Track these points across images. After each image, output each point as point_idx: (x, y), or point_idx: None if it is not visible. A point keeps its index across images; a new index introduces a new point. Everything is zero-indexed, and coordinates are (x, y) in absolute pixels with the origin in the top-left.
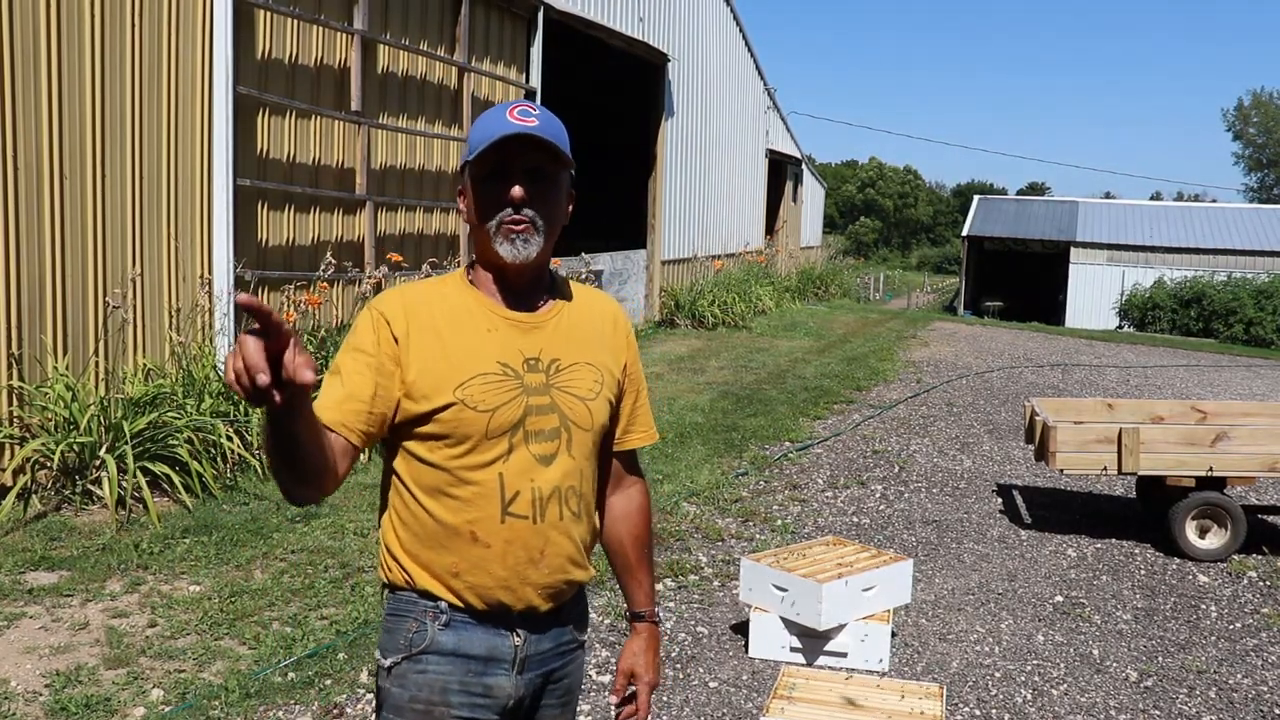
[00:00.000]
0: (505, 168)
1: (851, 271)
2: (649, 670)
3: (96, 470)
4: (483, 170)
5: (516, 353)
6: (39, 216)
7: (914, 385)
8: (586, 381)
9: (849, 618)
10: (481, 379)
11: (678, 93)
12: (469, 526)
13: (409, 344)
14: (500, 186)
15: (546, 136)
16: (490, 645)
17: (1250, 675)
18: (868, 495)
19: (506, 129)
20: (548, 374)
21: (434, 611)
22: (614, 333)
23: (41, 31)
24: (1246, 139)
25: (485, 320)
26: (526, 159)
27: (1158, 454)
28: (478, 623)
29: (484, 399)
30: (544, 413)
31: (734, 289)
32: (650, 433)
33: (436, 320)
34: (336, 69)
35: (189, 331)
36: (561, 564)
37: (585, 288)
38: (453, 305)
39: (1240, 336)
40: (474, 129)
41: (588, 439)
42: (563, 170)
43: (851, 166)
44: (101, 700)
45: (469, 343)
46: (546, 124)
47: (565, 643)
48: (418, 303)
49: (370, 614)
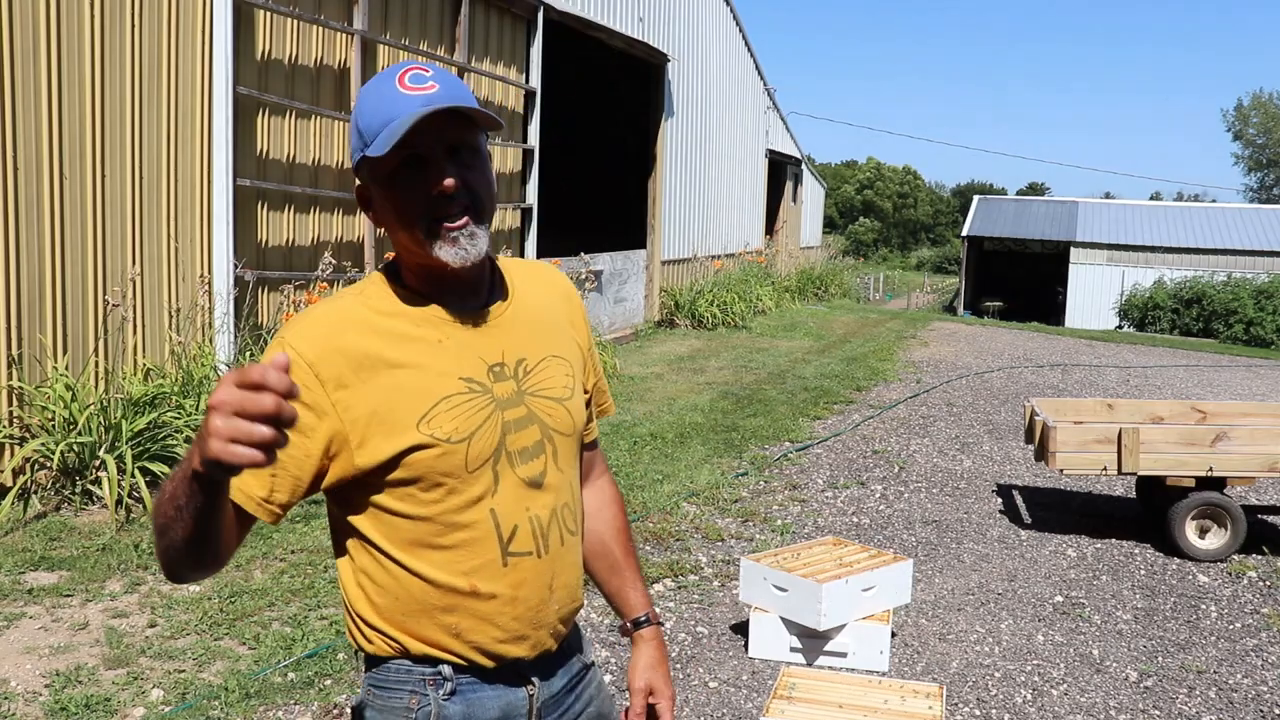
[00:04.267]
0: (422, 154)
1: (851, 272)
2: (667, 682)
3: (96, 470)
4: (393, 162)
5: (477, 361)
6: (39, 216)
7: (914, 385)
8: (558, 378)
9: (849, 618)
10: (447, 404)
11: (678, 93)
12: (468, 581)
13: (345, 386)
14: (423, 179)
15: (459, 103)
16: (504, 705)
17: (1250, 675)
18: (868, 495)
19: (411, 107)
20: (517, 379)
21: (434, 679)
22: (570, 310)
23: (41, 31)
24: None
25: (432, 330)
26: (446, 135)
27: (1158, 454)
28: (486, 682)
29: (456, 428)
30: (522, 426)
31: (734, 289)
32: (608, 405)
33: (373, 343)
34: (336, 69)
35: (189, 331)
36: (570, 592)
37: (522, 263)
38: (388, 321)
39: (1240, 336)
40: (360, 112)
41: (571, 444)
42: (481, 135)
43: (851, 167)
44: (101, 700)
45: (421, 363)
46: (449, 86)
47: (575, 674)
48: (343, 329)
49: None
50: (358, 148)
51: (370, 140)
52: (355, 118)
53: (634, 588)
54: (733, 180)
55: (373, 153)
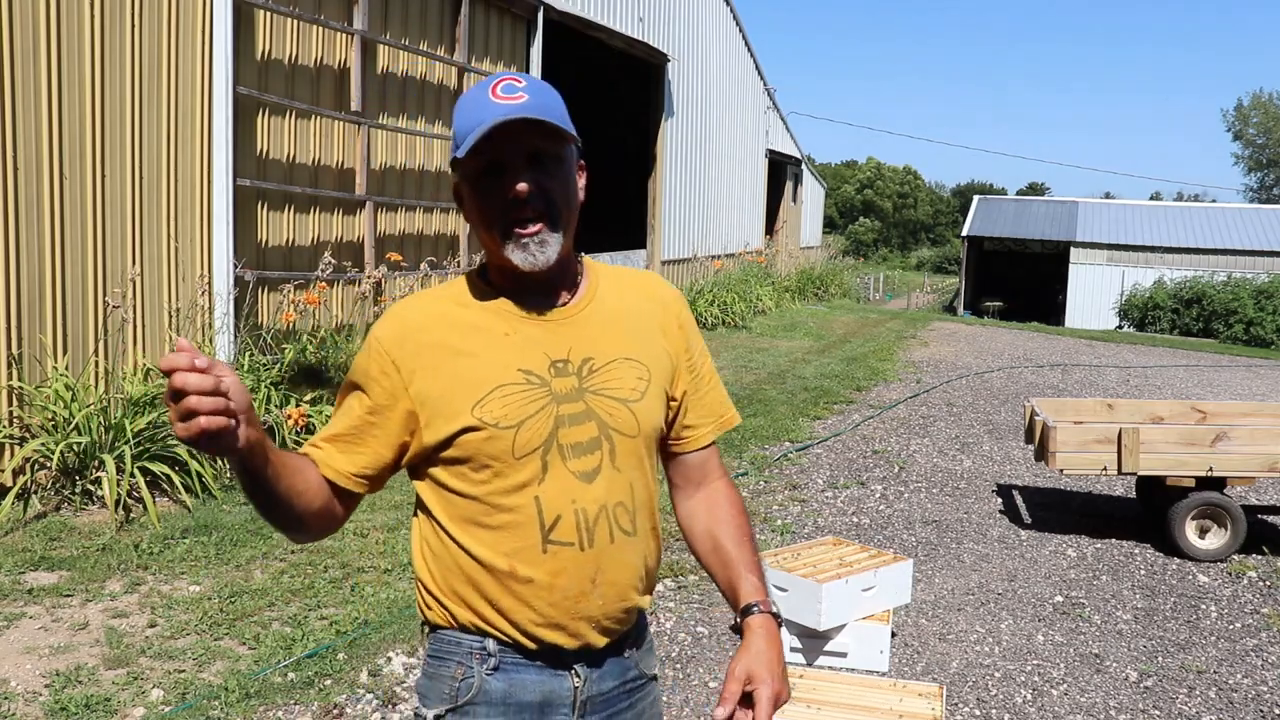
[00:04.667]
0: (502, 160)
1: (851, 272)
2: (773, 676)
3: (96, 470)
4: (476, 166)
5: (541, 356)
6: (39, 216)
7: (914, 385)
8: (628, 380)
9: (849, 618)
10: (501, 392)
11: (678, 93)
12: (507, 560)
13: (415, 370)
14: (499, 182)
15: (541, 116)
16: (546, 689)
17: (1250, 675)
18: (868, 495)
19: (494, 114)
20: (579, 376)
21: (480, 652)
22: (663, 316)
23: (41, 31)
24: (1246, 140)
25: (502, 324)
26: (525, 144)
27: (1158, 454)
28: (530, 663)
29: (506, 414)
30: (578, 422)
31: (734, 289)
32: (724, 419)
33: (446, 334)
34: (336, 69)
35: (189, 331)
36: (619, 591)
37: (627, 270)
38: (464, 313)
39: (1240, 336)
40: (456, 118)
41: (635, 446)
42: (567, 146)
43: (851, 167)
44: (101, 700)
45: (485, 353)
46: (538, 97)
47: (632, 679)
48: (422, 319)
49: (370, 614)
50: (453, 149)
51: (459, 143)
52: (453, 122)
53: (744, 579)
54: (733, 180)
55: (460, 154)
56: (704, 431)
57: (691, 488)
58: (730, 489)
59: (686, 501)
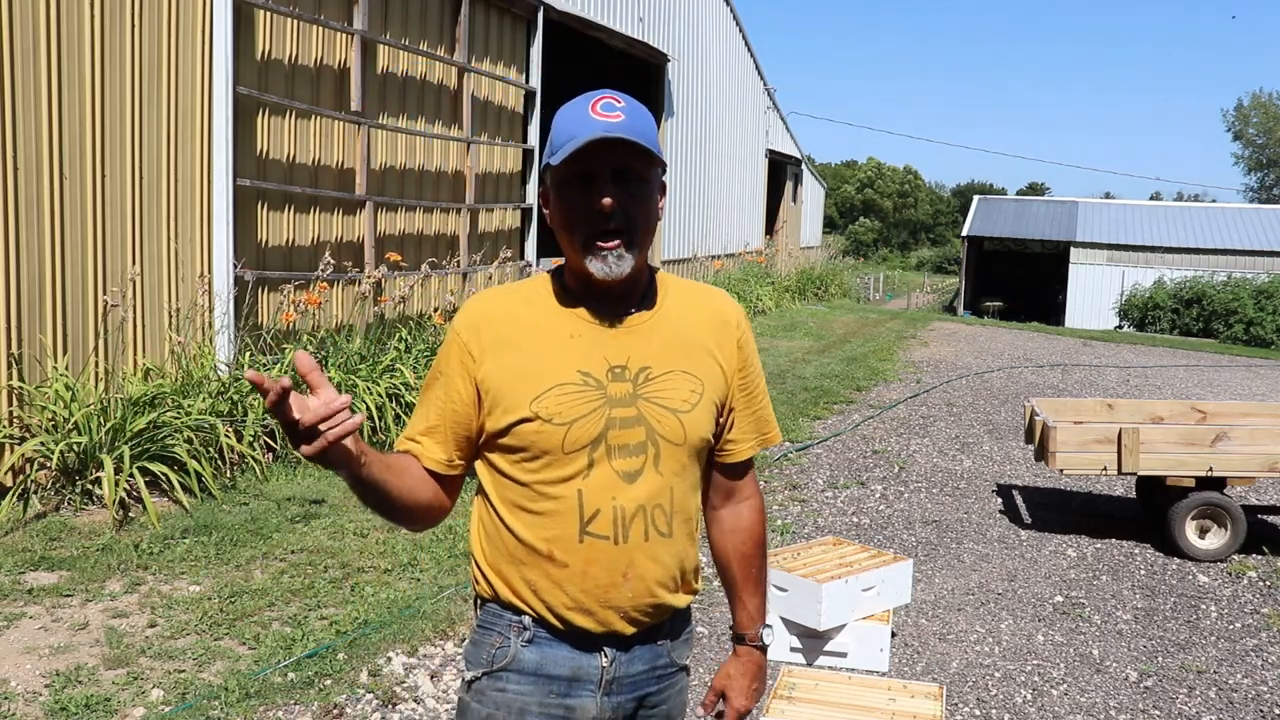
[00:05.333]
0: (592, 171)
1: (851, 271)
2: (742, 695)
3: (96, 470)
4: (567, 174)
5: (601, 360)
6: (39, 216)
7: (914, 385)
8: (681, 391)
9: (849, 618)
10: (559, 390)
11: (678, 93)
12: (546, 545)
13: (485, 359)
14: (587, 193)
15: (635, 137)
16: (575, 665)
17: (1250, 675)
18: (868, 495)
19: (593, 130)
20: (635, 383)
21: (518, 626)
22: (723, 334)
23: (41, 31)
24: (1246, 140)
25: (569, 325)
26: (614, 160)
27: (1158, 454)
28: (562, 640)
29: (560, 411)
30: (628, 426)
31: (734, 289)
32: (766, 436)
33: (517, 329)
34: (336, 69)
35: (188, 331)
36: (648, 588)
37: (697, 285)
38: (536, 311)
39: (1240, 337)
40: (555, 127)
41: (680, 454)
42: (653, 169)
43: (851, 166)
44: (101, 700)
45: (549, 351)
46: (634, 119)
47: (662, 666)
48: (498, 312)
49: (370, 614)
50: (546, 156)
51: (554, 151)
52: (551, 129)
53: (744, 610)
54: (733, 180)
55: (553, 161)
56: (745, 447)
57: (721, 497)
58: (756, 510)
59: (715, 511)
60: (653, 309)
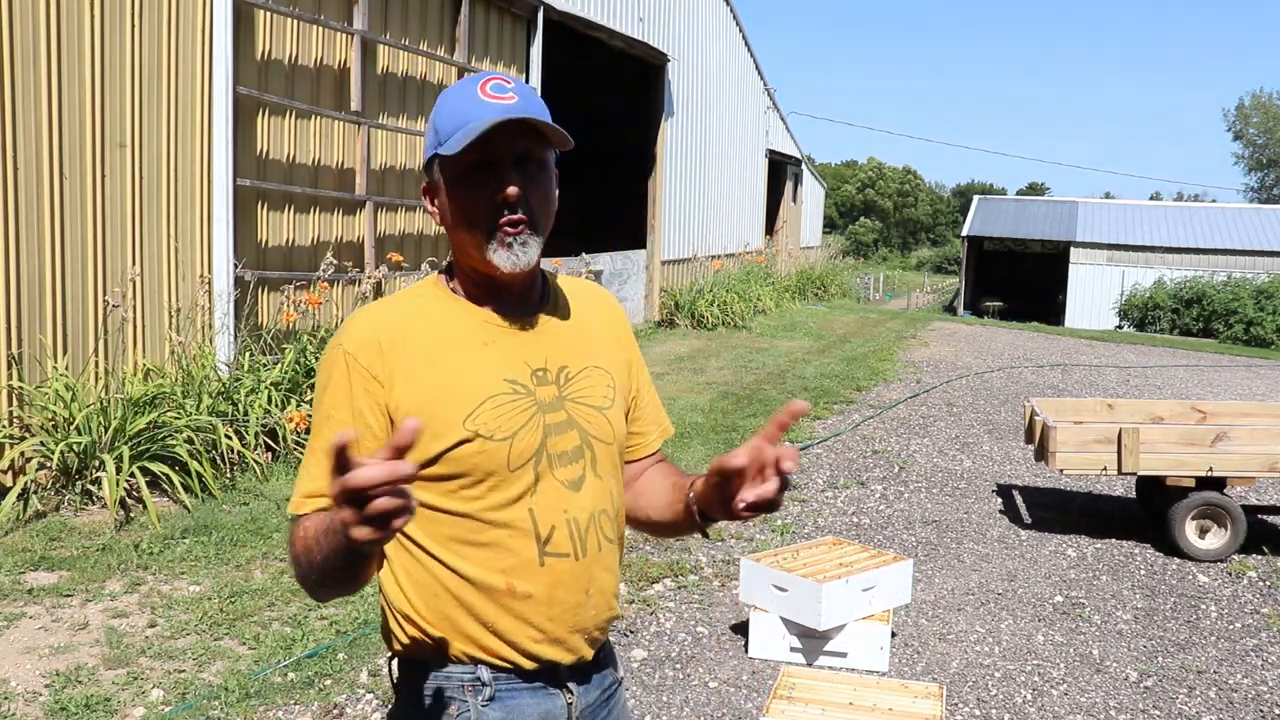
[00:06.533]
0: (491, 159)
1: (851, 271)
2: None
3: (96, 470)
4: (463, 166)
5: (522, 365)
6: (39, 216)
7: (914, 385)
8: (599, 388)
9: (849, 618)
10: (492, 402)
11: (678, 93)
12: (504, 578)
13: (395, 383)
14: (488, 184)
15: (535, 116)
16: (543, 711)
17: (1250, 675)
18: (868, 495)
19: (489, 113)
20: (559, 385)
21: (473, 685)
22: (612, 327)
23: (41, 31)
24: (1246, 139)
25: (480, 333)
26: (514, 146)
27: (1158, 454)
28: (526, 685)
29: (500, 425)
30: (562, 430)
31: (734, 289)
32: (664, 427)
33: (423, 343)
34: (336, 69)
35: (188, 331)
36: (607, 600)
37: (572, 280)
38: (436, 322)
39: (1240, 337)
40: (439, 113)
41: (611, 453)
42: (549, 152)
43: (851, 166)
44: (101, 700)
45: (468, 364)
46: (527, 99)
47: (608, 686)
48: (393, 328)
49: (370, 614)
50: (431, 145)
51: (445, 139)
52: (433, 117)
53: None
54: (733, 180)
55: (445, 151)
56: (651, 439)
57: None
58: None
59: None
60: (554, 308)
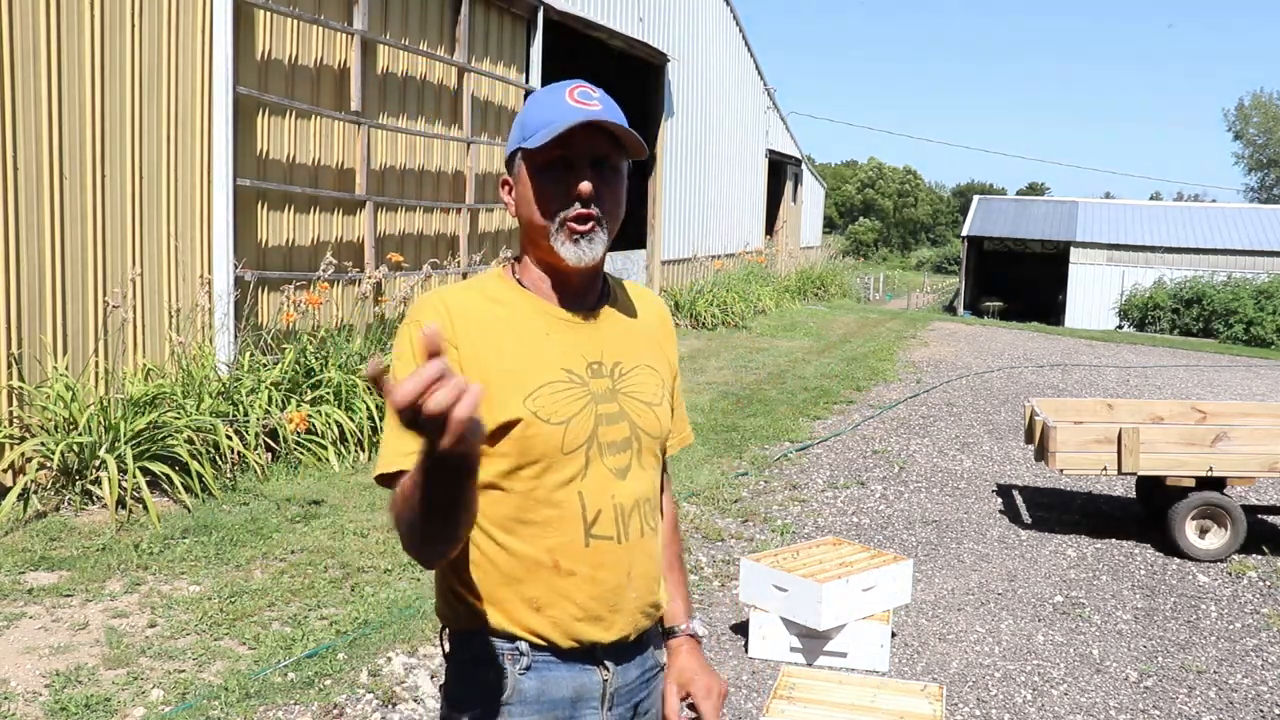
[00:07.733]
0: (571, 157)
1: (851, 271)
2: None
3: (96, 470)
4: (544, 161)
5: (579, 357)
6: (39, 216)
7: (914, 385)
8: (650, 385)
9: (849, 618)
10: (549, 388)
11: (678, 93)
12: (550, 555)
13: (461, 346)
14: (565, 180)
15: (616, 121)
16: (578, 685)
17: (1250, 675)
18: (868, 495)
19: (573, 116)
20: (613, 378)
21: (512, 654)
22: (662, 331)
23: (41, 31)
24: (1246, 139)
25: (541, 323)
26: (595, 148)
27: (1158, 454)
28: (562, 661)
29: (555, 410)
30: (614, 421)
31: (734, 289)
32: (686, 434)
33: (487, 325)
34: (336, 69)
35: (189, 331)
36: (649, 585)
37: (630, 284)
38: (501, 308)
39: (1240, 337)
40: (529, 112)
41: (655, 446)
42: (625, 161)
43: (851, 166)
44: (101, 700)
45: (529, 351)
46: (610, 108)
47: (649, 669)
48: (462, 305)
49: (370, 614)
50: (516, 140)
51: (529, 135)
52: (520, 116)
53: (678, 596)
54: (733, 180)
55: (529, 145)
56: (675, 441)
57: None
58: (671, 507)
59: None
60: (611, 304)
